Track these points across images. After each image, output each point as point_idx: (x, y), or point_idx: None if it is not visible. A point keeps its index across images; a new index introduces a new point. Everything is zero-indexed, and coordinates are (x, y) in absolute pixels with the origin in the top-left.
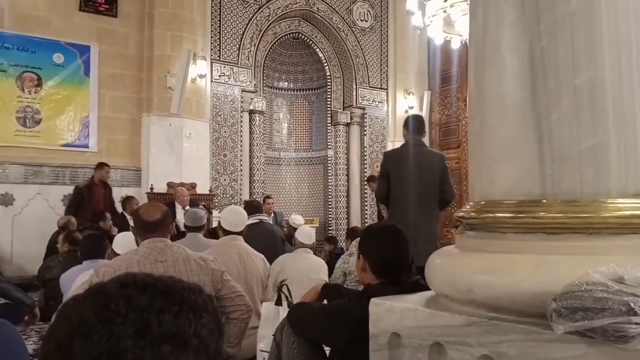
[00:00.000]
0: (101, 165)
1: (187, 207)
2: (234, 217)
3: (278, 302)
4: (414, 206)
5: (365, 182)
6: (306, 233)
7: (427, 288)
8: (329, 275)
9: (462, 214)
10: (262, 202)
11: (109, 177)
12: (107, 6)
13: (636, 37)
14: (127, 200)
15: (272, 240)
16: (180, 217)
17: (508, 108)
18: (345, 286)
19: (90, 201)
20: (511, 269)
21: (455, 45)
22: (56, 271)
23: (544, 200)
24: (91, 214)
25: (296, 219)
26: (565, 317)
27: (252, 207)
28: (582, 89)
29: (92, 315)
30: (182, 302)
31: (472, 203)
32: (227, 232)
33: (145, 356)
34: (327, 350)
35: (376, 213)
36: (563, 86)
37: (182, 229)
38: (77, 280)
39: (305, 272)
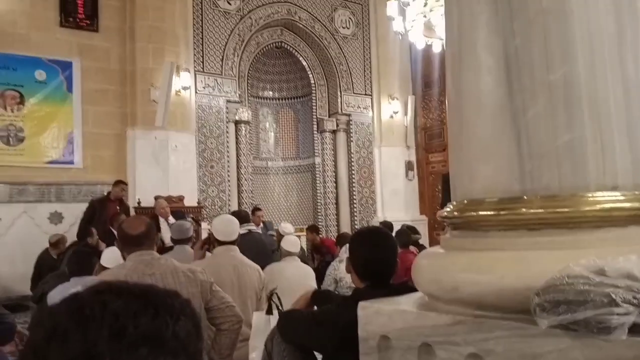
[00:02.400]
0: (117, 183)
1: (171, 218)
2: (225, 226)
3: (269, 312)
4: None
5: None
6: (291, 241)
7: (415, 290)
8: (319, 282)
9: (445, 213)
10: (251, 213)
11: (125, 195)
12: (88, 21)
13: (608, 33)
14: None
15: (261, 249)
16: (165, 229)
17: (485, 107)
18: (336, 292)
19: (101, 217)
20: (494, 265)
21: (437, 49)
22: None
23: (525, 197)
24: (102, 230)
25: (285, 227)
26: (549, 311)
27: (239, 217)
28: (556, 85)
29: (67, 319)
30: (157, 305)
31: (455, 203)
32: (221, 243)
33: (122, 359)
34: (319, 356)
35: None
36: (538, 83)
37: (168, 242)
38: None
39: (294, 279)
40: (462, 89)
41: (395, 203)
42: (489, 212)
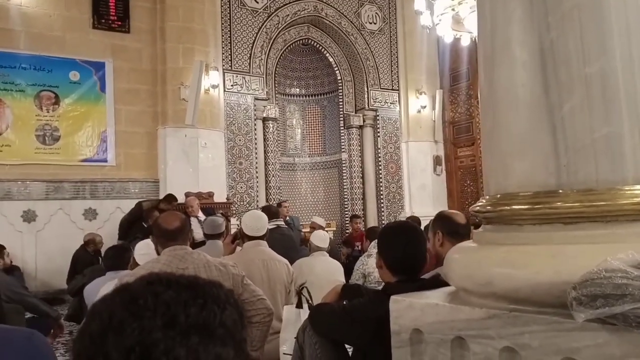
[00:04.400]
0: (171, 201)
1: (201, 215)
2: (254, 222)
3: (299, 305)
4: None
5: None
6: (320, 236)
7: (446, 284)
8: (347, 277)
9: (478, 208)
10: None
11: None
12: (120, 23)
13: None
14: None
15: (290, 244)
16: (194, 226)
17: (520, 101)
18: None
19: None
20: (529, 260)
21: (465, 42)
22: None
23: (560, 191)
24: (143, 235)
25: (318, 219)
26: (586, 304)
27: (269, 213)
28: (593, 79)
29: (122, 310)
30: (205, 295)
31: (487, 197)
32: (250, 238)
33: (175, 347)
34: (350, 349)
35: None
36: (574, 77)
37: (197, 238)
38: (101, 291)
39: (323, 274)
40: (496, 84)
41: (423, 198)
42: (523, 206)
